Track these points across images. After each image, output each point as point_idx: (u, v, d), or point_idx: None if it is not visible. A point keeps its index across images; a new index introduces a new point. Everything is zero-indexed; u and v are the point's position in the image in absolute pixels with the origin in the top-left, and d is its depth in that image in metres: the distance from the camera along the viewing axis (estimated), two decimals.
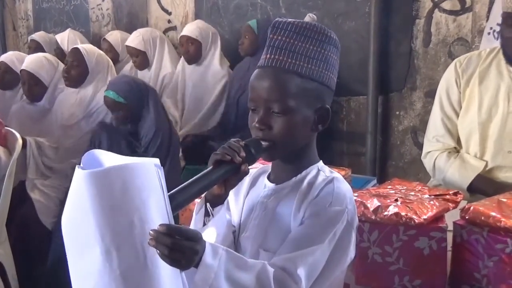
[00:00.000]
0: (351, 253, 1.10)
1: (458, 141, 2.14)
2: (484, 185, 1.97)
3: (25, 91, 3.16)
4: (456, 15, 2.68)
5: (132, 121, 2.68)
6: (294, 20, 1.12)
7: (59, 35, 4.20)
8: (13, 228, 2.58)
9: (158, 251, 0.87)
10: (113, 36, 3.94)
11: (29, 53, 3.99)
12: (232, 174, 1.06)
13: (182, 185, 0.98)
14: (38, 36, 4.34)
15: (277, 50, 1.09)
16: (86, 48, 3.07)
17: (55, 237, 2.63)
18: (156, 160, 0.91)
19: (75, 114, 2.98)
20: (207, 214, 1.10)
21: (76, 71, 2.97)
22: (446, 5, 2.71)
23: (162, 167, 0.91)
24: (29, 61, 3.13)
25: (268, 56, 1.10)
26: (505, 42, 1.95)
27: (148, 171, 0.90)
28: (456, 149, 2.14)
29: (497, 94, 2.01)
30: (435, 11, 2.75)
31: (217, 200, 1.11)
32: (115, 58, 3.83)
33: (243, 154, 1.05)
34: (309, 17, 1.16)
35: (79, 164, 0.94)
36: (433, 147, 2.16)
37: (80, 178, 0.90)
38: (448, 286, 1.36)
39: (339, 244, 1.05)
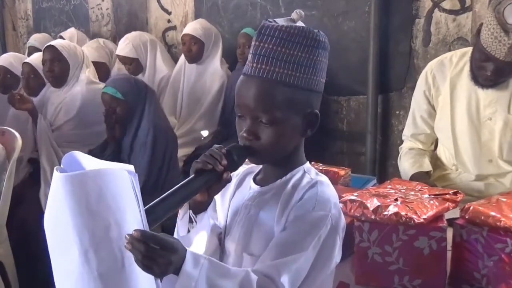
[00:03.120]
0: (337, 257, 1.08)
1: (432, 143, 2.21)
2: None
3: (23, 84, 3.23)
4: (456, 15, 2.68)
5: (128, 119, 2.68)
6: (281, 25, 1.06)
7: (66, 34, 4.19)
8: (13, 228, 2.59)
9: (133, 256, 0.86)
10: (91, 53, 3.76)
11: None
12: (214, 182, 1.05)
13: (161, 196, 0.96)
14: (38, 41, 4.28)
15: (264, 58, 1.04)
16: (61, 43, 3.08)
17: None
18: (130, 167, 0.90)
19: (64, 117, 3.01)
20: (190, 220, 1.09)
21: (58, 67, 2.99)
22: (446, 5, 2.70)
23: (136, 174, 0.90)
24: (35, 57, 3.20)
25: (254, 64, 1.06)
26: (475, 65, 1.93)
27: (121, 177, 0.88)
28: (422, 150, 2.21)
29: (470, 101, 1.99)
30: (435, 11, 2.74)
31: (200, 207, 1.10)
32: (107, 69, 3.81)
33: (224, 162, 1.03)
34: (296, 14, 1.10)
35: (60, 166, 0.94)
36: (404, 144, 2.27)
37: (57, 181, 0.90)
38: (448, 286, 1.36)
39: (323, 249, 1.03)
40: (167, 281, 0.91)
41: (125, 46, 3.56)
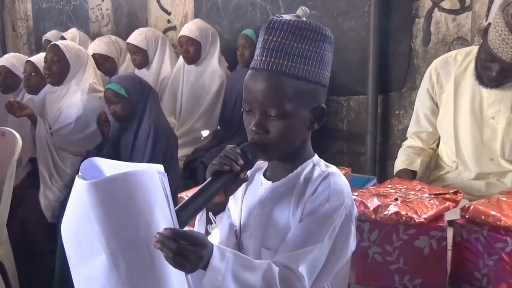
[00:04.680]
0: (352, 245, 1.10)
1: (434, 141, 2.23)
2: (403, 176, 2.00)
3: (24, 81, 3.25)
4: (456, 14, 2.68)
5: (129, 117, 2.68)
6: (289, 19, 1.09)
7: (67, 34, 4.19)
8: (13, 228, 2.58)
9: (164, 254, 0.87)
10: (98, 46, 3.83)
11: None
12: (232, 182, 1.06)
13: (184, 201, 0.98)
14: (53, 37, 4.33)
15: (273, 52, 1.06)
16: (66, 43, 3.09)
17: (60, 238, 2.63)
18: (160, 167, 0.92)
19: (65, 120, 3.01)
20: (209, 222, 1.11)
21: (57, 66, 2.99)
22: (445, 4, 2.70)
23: (165, 174, 0.92)
24: (38, 56, 3.24)
25: (263, 58, 1.07)
26: (480, 65, 1.93)
27: (151, 178, 0.90)
28: (422, 149, 2.22)
29: (473, 100, 2.00)
30: (435, 11, 2.74)
31: (219, 208, 1.12)
32: (113, 64, 3.83)
33: (241, 162, 1.04)
34: (301, 10, 1.12)
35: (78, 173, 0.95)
36: (405, 141, 2.29)
37: (81, 188, 0.90)
38: (448, 285, 1.36)
39: (339, 238, 1.06)
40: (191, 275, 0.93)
41: (137, 36, 3.59)
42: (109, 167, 0.96)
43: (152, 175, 0.90)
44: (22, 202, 2.78)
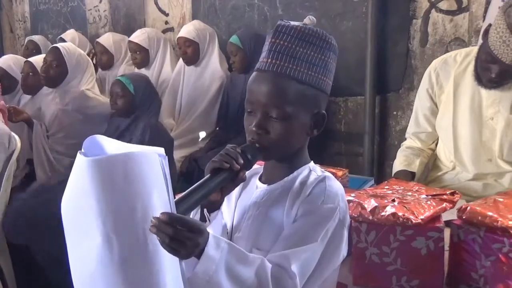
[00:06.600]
0: (343, 250, 1.11)
1: (433, 142, 2.22)
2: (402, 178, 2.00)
3: (22, 81, 3.28)
4: (453, 15, 2.68)
5: (126, 114, 2.69)
6: (296, 24, 1.11)
7: (67, 36, 4.19)
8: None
9: (159, 238, 0.87)
10: (105, 38, 3.92)
11: (25, 54, 4.04)
12: (229, 181, 1.07)
13: (182, 195, 0.98)
14: (37, 38, 4.40)
15: (279, 54, 1.09)
16: (67, 47, 3.08)
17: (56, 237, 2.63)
18: (161, 150, 0.92)
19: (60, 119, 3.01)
20: (203, 219, 1.11)
21: (55, 71, 3.00)
22: (443, 5, 2.71)
23: (166, 157, 0.91)
24: (37, 58, 3.25)
25: (269, 60, 1.09)
26: (480, 66, 1.93)
27: (152, 160, 0.90)
28: (421, 149, 2.21)
29: (472, 100, 2.00)
30: (432, 11, 2.75)
31: (214, 206, 1.12)
32: (110, 60, 3.84)
33: (241, 161, 1.06)
34: (308, 19, 1.14)
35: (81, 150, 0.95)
36: (405, 142, 2.28)
37: (82, 165, 0.90)
38: (445, 286, 1.36)
39: (331, 241, 1.07)
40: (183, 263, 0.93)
41: (140, 35, 3.61)
42: (111, 146, 0.96)
43: (153, 158, 0.90)
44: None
